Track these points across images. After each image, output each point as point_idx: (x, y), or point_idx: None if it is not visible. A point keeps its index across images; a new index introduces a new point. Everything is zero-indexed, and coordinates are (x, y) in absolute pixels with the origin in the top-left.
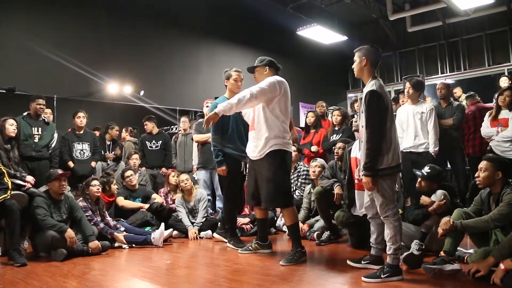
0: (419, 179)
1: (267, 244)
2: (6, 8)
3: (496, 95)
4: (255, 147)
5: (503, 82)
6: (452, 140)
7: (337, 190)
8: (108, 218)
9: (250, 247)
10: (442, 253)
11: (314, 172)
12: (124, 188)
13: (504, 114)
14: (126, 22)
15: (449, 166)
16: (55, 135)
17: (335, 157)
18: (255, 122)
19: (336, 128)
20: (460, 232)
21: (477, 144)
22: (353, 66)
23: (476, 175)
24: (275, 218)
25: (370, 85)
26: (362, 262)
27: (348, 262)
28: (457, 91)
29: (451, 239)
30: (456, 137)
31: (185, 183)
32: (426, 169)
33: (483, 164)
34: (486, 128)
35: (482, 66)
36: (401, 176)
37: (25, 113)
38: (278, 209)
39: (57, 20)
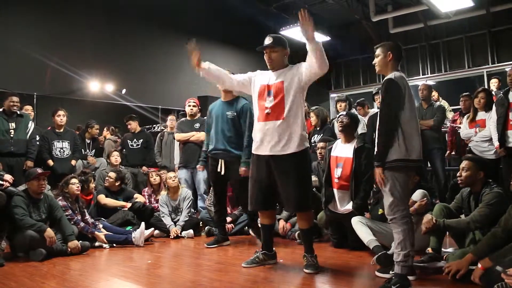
0: None
1: (272, 254)
2: None
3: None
4: (283, 141)
5: (493, 84)
6: (432, 141)
7: None
8: (87, 217)
9: (257, 259)
10: (429, 250)
11: None
12: (105, 188)
13: (481, 115)
14: (108, 20)
15: (429, 166)
16: (30, 124)
17: (319, 157)
18: (286, 111)
19: (317, 128)
20: (442, 230)
21: None
22: (374, 62)
23: (458, 174)
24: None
25: (389, 75)
26: (391, 272)
27: (377, 273)
28: (434, 94)
29: (435, 236)
30: (437, 138)
31: (173, 180)
32: None
33: (465, 163)
34: (464, 130)
35: (462, 68)
36: None
37: (0, 109)
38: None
39: (38, 18)
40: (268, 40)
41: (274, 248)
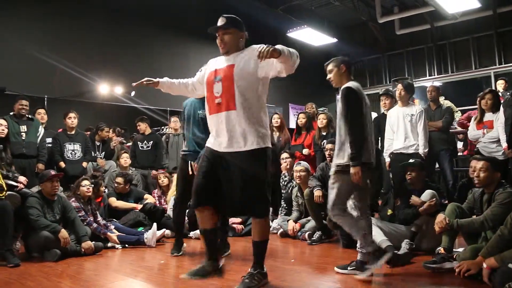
0: (409, 172)
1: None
2: None
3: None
4: (236, 137)
5: (500, 85)
6: (441, 142)
7: (316, 193)
8: (99, 218)
9: (202, 269)
10: (442, 250)
11: (299, 176)
12: (115, 191)
13: (489, 116)
14: (116, 23)
15: (437, 167)
16: (40, 129)
17: (327, 158)
18: (238, 100)
19: (324, 133)
20: (455, 230)
21: None
22: (329, 77)
23: (475, 174)
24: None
25: (346, 84)
26: (349, 268)
27: (336, 269)
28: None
29: (447, 236)
30: (445, 139)
31: None
32: (411, 160)
33: (482, 164)
34: (472, 131)
35: (469, 68)
36: (390, 176)
37: (11, 113)
38: None
39: (47, 21)
40: (221, 21)
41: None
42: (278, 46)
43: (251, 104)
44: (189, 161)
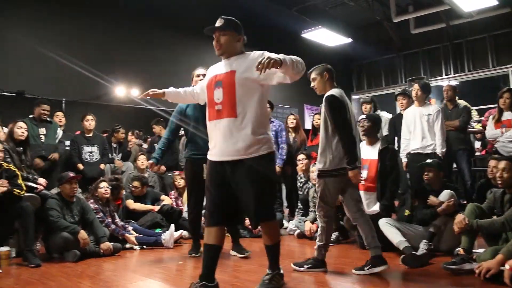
0: (427, 172)
1: (213, 285)
2: (14, 13)
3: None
4: (238, 144)
5: None
6: (458, 142)
7: None
8: (117, 219)
9: None
10: (461, 251)
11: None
12: (132, 194)
13: (507, 115)
14: (133, 26)
15: (455, 167)
16: (58, 131)
17: None
18: (239, 107)
19: None
20: (475, 230)
21: None
22: (312, 85)
23: (498, 175)
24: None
25: (329, 92)
26: (365, 268)
27: (353, 271)
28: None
29: (467, 237)
30: (462, 139)
31: None
32: (428, 160)
33: (504, 164)
34: (490, 131)
35: (486, 67)
36: (408, 177)
37: (30, 116)
38: None
39: (65, 24)
40: (218, 22)
41: (216, 279)
42: (280, 56)
43: (253, 110)
44: (204, 165)
